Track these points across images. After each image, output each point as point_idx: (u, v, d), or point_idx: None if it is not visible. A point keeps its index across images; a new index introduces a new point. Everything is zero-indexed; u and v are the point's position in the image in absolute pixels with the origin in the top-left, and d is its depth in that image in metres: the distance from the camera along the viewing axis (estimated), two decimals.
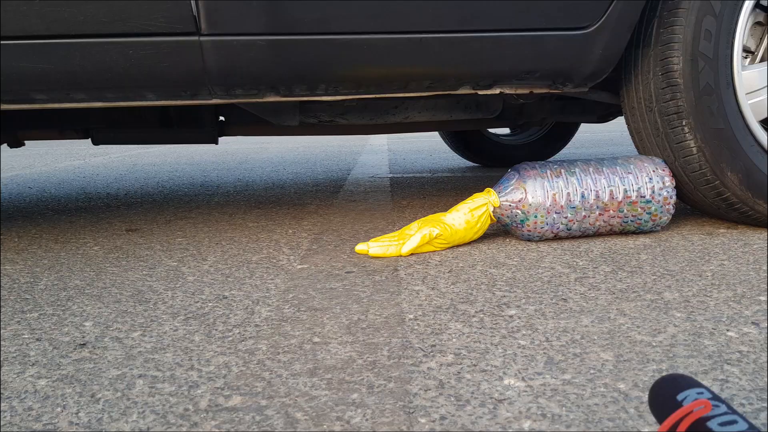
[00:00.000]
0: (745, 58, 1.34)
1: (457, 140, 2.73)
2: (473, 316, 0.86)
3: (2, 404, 0.63)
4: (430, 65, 1.19)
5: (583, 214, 1.24)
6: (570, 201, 1.23)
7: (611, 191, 1.24)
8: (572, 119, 2.07)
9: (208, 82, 1.15)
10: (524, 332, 0.79)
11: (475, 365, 0.70)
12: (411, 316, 0.86)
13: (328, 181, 2.43)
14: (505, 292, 0.96)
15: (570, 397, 0.62)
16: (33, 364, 0.74)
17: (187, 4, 1.07)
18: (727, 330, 0.78)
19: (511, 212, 1.25)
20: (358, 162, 3.25)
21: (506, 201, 1.25)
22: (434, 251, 1.23)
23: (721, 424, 0.46)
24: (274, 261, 1.20)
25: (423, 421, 0.58)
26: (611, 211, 1.25)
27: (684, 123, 1.24)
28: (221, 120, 1.89)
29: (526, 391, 0.63)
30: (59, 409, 0.62)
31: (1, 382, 0.66)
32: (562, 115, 2.05)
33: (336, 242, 1.34)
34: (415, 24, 1.15)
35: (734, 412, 0.48)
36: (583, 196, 1.23)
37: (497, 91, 1.28)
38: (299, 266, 1.15)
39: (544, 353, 0.73)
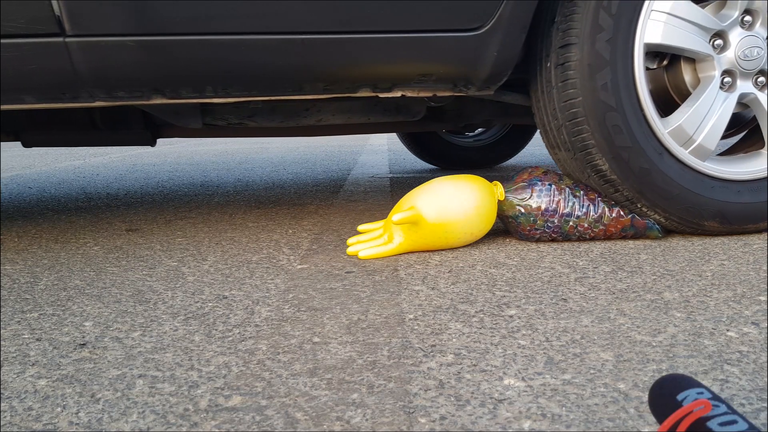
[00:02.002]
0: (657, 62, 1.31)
1: (412, 141, 2.71)
2: (473, 316, 0.86)
3: (2, 404, 0.63)
4: (318, 67, 1.17)
5: (586, 225, 1.24)
6: (574, 210, 1.24)
7: (619, 210, 1.25)
8: (516, 121, 2.06)
9: (82, 84, 1.12)
10: (524, 332, 0.79)
11: (475, 365, 0.70)
12: (411, 316, 0.86)
13: (328, 181, 2.43)
14: (505, 292, 0.96)
15: (570, 397, 0.62)
16: (33, 364, 0.74)
17: (47, 4, 1.04)
18: (727, 330, 0.78)
19: (514, 210, 1.24)
20: (358, 162, 3.25)
21: (512, 196, 1.24)
22: (433, 251, 1.23)
23: (721, 424, 0.46)
24: (274, 261, 1.20)
25: (423, 421, 0.58)
26: (614, 230, 1.25)
27: (640, 205, 1.24)
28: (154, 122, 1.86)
29: (526, 391, 0.63)
30: (59, 409, 0.62)
31: (1, 382, 0.66)
32: (505, 117, 2.03)
33: (336, 242, 1.34)
34: (296, 24, 1.12)
35: (734, 412, 0.48)
36: (588, 208, 1.24)
37: (398, 93, 1.26)
38: (299, 266, 1.15)
39: (544, 353, 0.73)
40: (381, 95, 1.27)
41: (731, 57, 1.22)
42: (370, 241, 1.24)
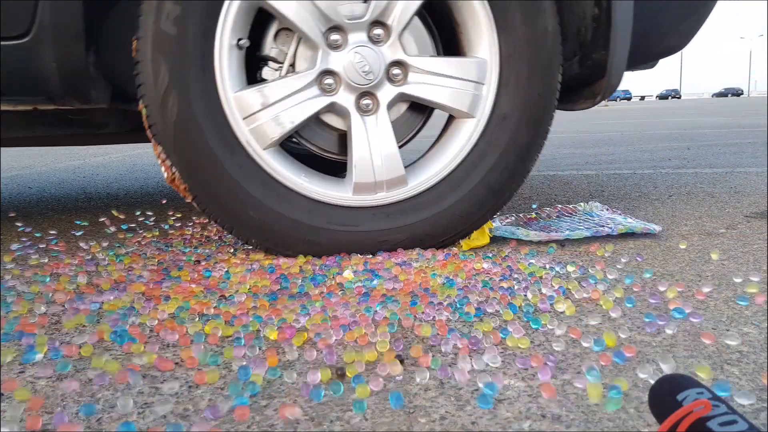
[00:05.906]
0: (277, 70, 1.19)
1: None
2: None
3: (2, 404, 0.63)
4: None
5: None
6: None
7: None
8: None
9: None
10: (524, 332, 0.79)
11: (475, 365, 0.70)
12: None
13: None
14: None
15: (570, 397, 0.62)
16: (33, 364, 0.74)
17: None
18: (727, 330, 0.78)
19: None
20: None
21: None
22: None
23: (721, 424, 0.46)
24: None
25: (423, 421, 0.58)
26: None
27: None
28: None
29: (526, 391, 0.63)
30: (59, 409, 0.62)
31: (0, 382, 0.66)
32: None
33: None
34: None
35: (734, 412, 0.48)
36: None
37: None
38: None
39: (545, 353, 0.73)
40: None
41: (342, 61, 1.12)
42: None
